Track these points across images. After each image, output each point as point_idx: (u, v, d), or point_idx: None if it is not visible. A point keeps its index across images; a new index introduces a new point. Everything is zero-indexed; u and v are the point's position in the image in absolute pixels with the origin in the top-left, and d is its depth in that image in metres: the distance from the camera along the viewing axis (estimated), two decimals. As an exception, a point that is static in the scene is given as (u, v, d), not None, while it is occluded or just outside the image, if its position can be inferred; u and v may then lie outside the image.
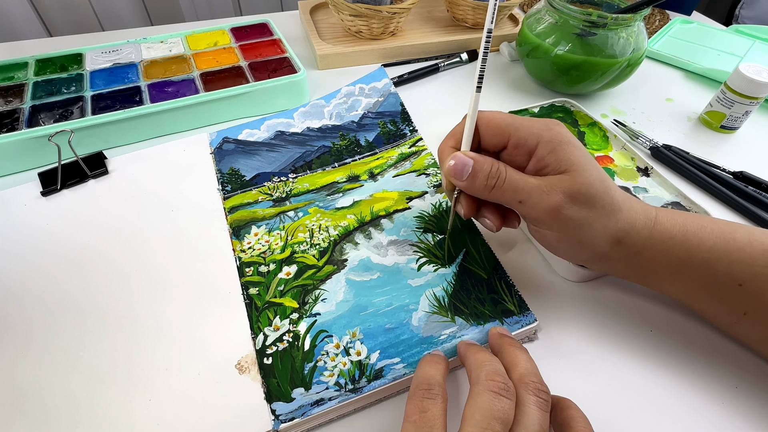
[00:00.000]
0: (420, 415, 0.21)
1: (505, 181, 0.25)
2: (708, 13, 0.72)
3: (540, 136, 0.25)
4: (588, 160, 0.25)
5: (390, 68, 0.55)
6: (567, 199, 0.24)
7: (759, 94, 0.44)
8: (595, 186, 0.25)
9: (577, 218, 0.25)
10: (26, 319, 0.29)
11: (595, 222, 0.25)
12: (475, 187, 0.26)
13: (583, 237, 0.26)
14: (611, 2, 0.49)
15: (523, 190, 0.25)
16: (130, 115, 0.41)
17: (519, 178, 0.25)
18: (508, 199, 0.26)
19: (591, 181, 0.25)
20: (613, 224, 0.26)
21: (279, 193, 0.38)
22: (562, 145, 0.25)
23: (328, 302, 0.30)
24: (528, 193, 0.25)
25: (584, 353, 0.29)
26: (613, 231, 0.26)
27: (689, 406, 0.26)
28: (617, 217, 0.26)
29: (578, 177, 0.25)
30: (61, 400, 0.25)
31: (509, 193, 0.25)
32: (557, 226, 0.25)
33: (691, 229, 0.26)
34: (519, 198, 0.25)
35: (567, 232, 0.25)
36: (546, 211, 0.25)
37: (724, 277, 0.25)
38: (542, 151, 0.25)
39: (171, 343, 0.28)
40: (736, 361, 0.28)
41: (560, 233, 0.26)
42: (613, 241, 0.26)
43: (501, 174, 0.25)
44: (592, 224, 0.25)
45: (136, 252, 0.33)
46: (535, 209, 0.25)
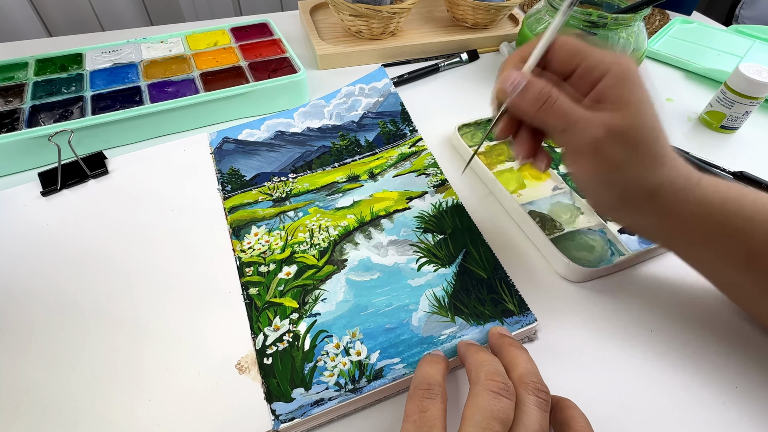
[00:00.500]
0: (420, 414, 0.21)
1: (555, 102, 0.24)
2: (708, 13, 0.72)
3: (608, 68, 0.24)
4: (647, 103, 0.24)
5: (390, 68, 0.55)
6: (611, 137, 0.24)
7: (759, 94, 0.44)
8: (643, 131, 0.24)
9: (615, 158, 0.24)
10: (26, 319, 0.29)
11: (633, 167, 0.24)
12: (523, 103, 0.25)
13: (616, 179, 0.25)
14: (611, 2, 0.49)
15: (570, 118, 0.24)
16: (130, 115, 0.41)
17: (569, 105, 0.24)
18: (553, 123, 0.25)
19: (641, 124, 0.24)
20: (651, 175, 0.25)
21: (279, 193, 0.38)
22: (626, 83, 0.24)
23: (328, 302, 0.30)
24: (574, 122, 0.24)
25: (584, 353, 0.29)
26: (648, 183, 0.25)
27: (689, 407, 0.26)
28: (657, 170, 0.25)
29: (629, 117, 0.24)
30: (61, 400, 0.25)
31: (555, 116, 0.25)
32: (594, 162, 0.25)
33: (732, 196, 0.25)
34: (563, 125, 0.24)
35: (602, 169, 0.25)
36: (586, 144, 0.24)
37: (758, 247, 0.25)
38: (605, 84, 0.24)
39: (171, 343, 0.28)
40: (736, 361, 0.28)
41: (595, 170, 0.25)
42: (647, 193, 0.25)
43: (552, 95, 0.25)
44: (628, 168, 0.24)
45: (137, 252, 0.33)
46: (576, 140, 0.24)
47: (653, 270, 0.34)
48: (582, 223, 0.36)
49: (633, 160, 0.24)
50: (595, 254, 0.34)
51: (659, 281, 0.33)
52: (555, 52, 0.26)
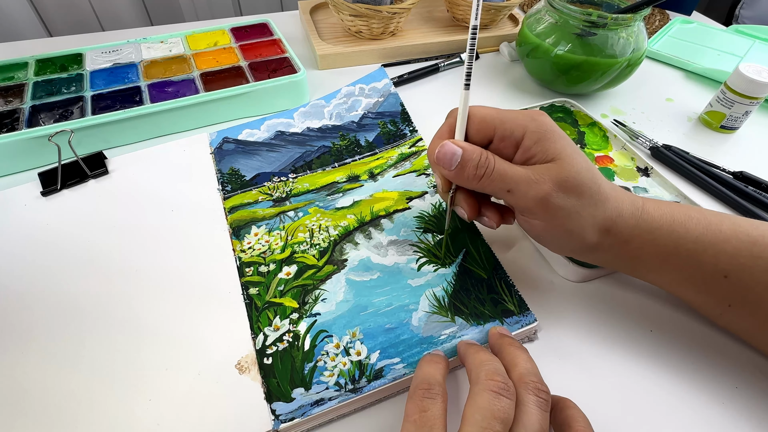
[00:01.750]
0: (420, 414, 0.21)
1: (494, 170, 0.25)
2: (708, 13, 0.72)
3: (526, 127, 0.25)
4: (573, 149, 0.26)
5: (390, 68, 0.55)
6: (555, 187, 0.25)
7: (759, 94, 0.44)
8: (582, 174, 0.25)
9: (565, 207, 0.25)
10: (26, 319, 0.29)
11: (583, 210, 0.25)
12: (464, 176, 0.26)
13: (572, 226, 0.26)
14: (611, 2, 0.49)
15: (512, 179, 0.25)
16: (130, 115, 0.41)
17: (507, 168, 0.25)
18: (497, 189, 0.26)
19: (578, 170, 0.25)
20: (601, 213, 0.26)
21: (279, 193, 0.38)
22: (547, 134, 0.25)
23: (328, 302, 0.30)
24: (516, 182, 0.25)
25: (584, 353, 0.29)
26: (601, 220, 0.26)
27: (689, 406, 0.26)
28: (605, 205, 0.26)
29: (565, 165, 0.25)
30: (61, 400, 0.25)
31: (498, 182, 0.25)
32: (546, 216, 0.25)
33: (678, 219, 0.26)
34: (507, 187, 0.25)
35: (555, 221, 0.25)
36: (534, 200, 0.25)
37: (710, 268, 0.26)
38: (528, 142, 0.25)
39: (171, 343, 0.28)
40: (736, 361, 0.28)
41: (549, 222, 0.26)
42: (602, 230, 0.26)
43: (490, 163, 0.25)
44: (580, 212, 0.25)
45: (136, 252, 0.33)
46: (524, 198, 0.25)
47: (653, 270, 0.34)
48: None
49: (582, 204, 0.25)
50: (595, 254, 0.34)
51: (659, 281, 0.33)
52: (469, 124, 0.27)
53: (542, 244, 0.29)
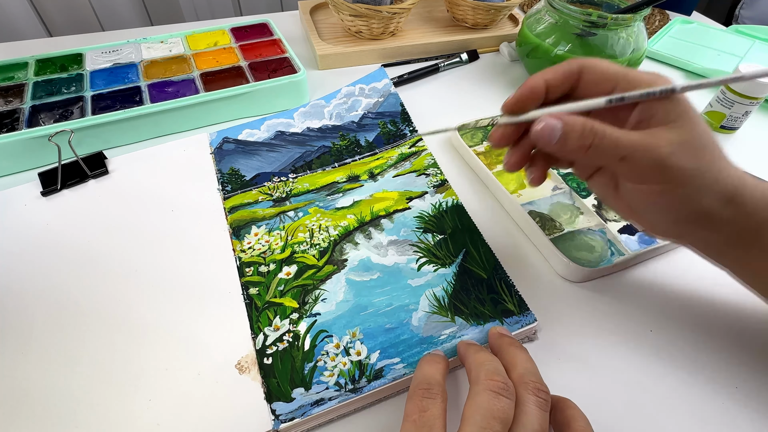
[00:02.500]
0: (419, 414, 0.21)
1: (604, 137, 0.23)
2: (708, 13, 0.72)
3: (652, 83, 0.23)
4: (695, 111, 0.24)
5: (390, 68, 0.55)
6: (677, 149, 0.22)
7: (759, 95, 0.44)
8: (704, 137, 0.23)
9: (687, 167, 0.23)
10: (26, 319, 0.29)
11: (706, 172, 0.23)
12: (567, 149, 0.24)
13: (691, 189, 0.23)
14: (611, 2, 0.49)
15: (626, 146, 0.23)
16: (130, 115, 0.41)
17: (620, 135, 0.23)
18: (608, 157, 0.24)
19: (700, 132, 0.23)
20: (724, 177, 0.23)
21: (279, 193, 0.38)
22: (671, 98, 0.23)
23: (328, 302, 0.30)
24: (633, 148, 0.23)
25: (584, 353, 0.29)
26: (723, 185, 0.23)
27: (689, 406, 0.26)
28: (728, 171, 0.24)
29: (687, 126, 0.23)
30: (61, 400, 0.25)
31: (609, 149, 0.23)
32: (664, 178, 0.23)
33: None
34: (621, 154, 0.23)
35: (674, 183, 0.23)
36: (652, 165, 0.23)
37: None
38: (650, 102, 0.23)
39: (171, 343, 0.28)
40: (736, 361, 0.28)
41: (666, 185, 0.23)
42: (724, 197, 0.24)
43: (597, 131, 0.23)
44: (703, 174, 0.23)
45: (136, 252, 0.33)
46: (639, 164, 0.23)
47: (653, 270, 0.34)
48: (582, 223, 0.36)
49: (705, 166, 0.23)
50: (595, 254, 0.34)
51: (659, 281, 0.33)
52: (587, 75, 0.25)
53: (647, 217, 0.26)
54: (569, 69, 0.26)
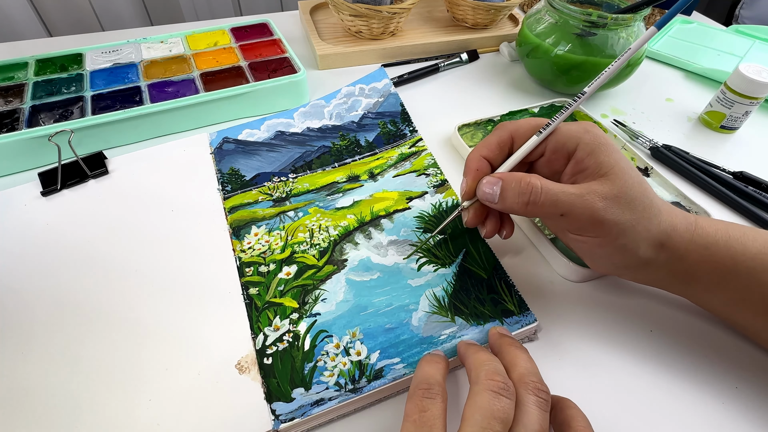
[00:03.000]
0: (419, 414, 0.21)
1: (541, 194, 0.25)
2: (708, 13, 0.72)
3: (579, 139, 0.25)
4: (626, 162, 0.25)
5: (390, 68, 0.55)
6: (609, 203, 0.24)
7: (759, 94, 0.44)
8: (635, 188, 0.25)
9: (620, 221, 0.24)
10: (26, 319, 0.29)
11: (637, 224, 0.25)
12: (507, 205, 0.26)
13: (625, 240, 0.25)
14: (611, 2, 0.49)
15: (565, 203, 0.24)
16: (130, 115, 0.41)
17: (558, 190, 0.25)
18: (548, 213, 0.25)
19: (630, 184, 0.24)
20: (655, 226, 0.25)
21: (279, 193, 0.38)
22: (601, 147, 0.25)
23: (328, 302, 0.30)
24: (570, 204, 0.24)
25: (584, 353, 0.29)
26: (655, 233, 0.25)
27: (689, 406, 0.26)
28: (659, 219, 0.25)
29: (618, 180, 0.24)
30: (61, 400, 0.25)
31: (549, 206, 0.25)
32: (600, 232, 0.25)
33: (733, 235, 0.26)
34: (561, 211, 0.25)
35: (610, 236, 0.25)
36: (590, 219, 0.24)
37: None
38: (581, 154, 0.25)
39: (171, 343, 0.28)
40: (736, 361, 0.28)
41: (603, 239, 0.25)
42: (656, 244, 0.25)
43: (534, 187, 0.25)
44: (635, 226, 0.25)
45: (136, 252, 0.33)
46: (579, 219, 0.25)
47: (653, 270, 0.34)
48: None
49: (636, 218, 0.25)
50: (595, 254, 0.34)
51: (659, 281, 0.33)
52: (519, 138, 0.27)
53: (590, 263, 0.28)
54: (501, 137, 0.28)
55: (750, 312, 0.26)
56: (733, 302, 0.26)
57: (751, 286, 0.25)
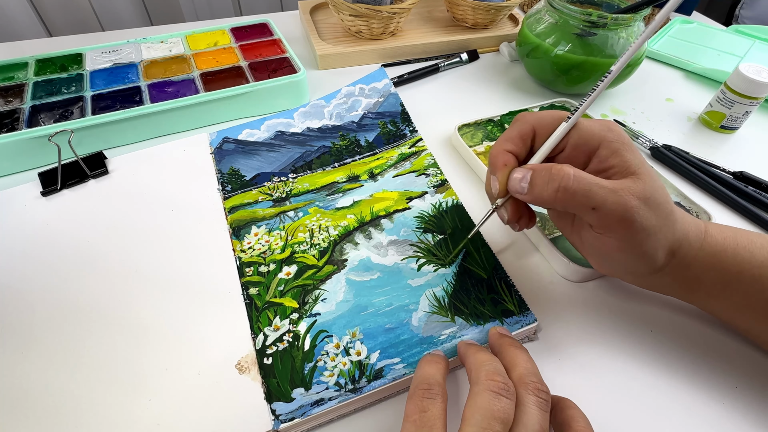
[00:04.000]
0: (420, 414, 0.21)
1: (573, 180, 0.23)
2: (708, 13, 0.72)
3: (603, 137, 0.24)
4: (648, 165, 0.24)
5: (390, 68, 0.55)
6: (642, 204, 0.23)
7: (759, 94, 0.44)
8: (661, 192, 0.24)
9: (648, 225, 0.23)
10: (26, 319, 0.29)
11: (659, 231, 0.24)
12: (536, 192, 0.24)
13: (647, 247, 0.24)
14: (611, 2, 0.49)
15: (598, 195, 0.23)
16: (130, 115, 0.41)
17: (592, 181, 0.23)
18: (579, 204, 0.23)
19: (657, 186, 0.24)
20: (671, 234, 0.25)
21: (279, 193, 0.38)
22: (626, 146, 0.24)
23: (328, 302, 0.30)
24: (603, 198, 0.23)
25: (584, 353, 0.29)
26: (671, 241, 0.25)
27: (689, 406, 0.26)
28: (675, 227, 0.25)
29: (648, 180, 0.23)
30: (61, 400, 0.25)
31: (581, 196, 0.23)
32: (626, 234, 0.24)
33: (741, 243, 0.25)
34: (593, 204, 0.23)
35: (634, 241, 0.24)
36: (621, 217, 0.23)
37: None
38: (605, 152, 0.24)
39: (171, 343, 0.28)
40: (736, 361, 0.28)
41: (626, 242, 0.24)
42: (669, 252, 0.25)
43: (567, 174, 0.23)
44: (657, 233, 0.24)
45: (136, 252, 0.33)
46: (610, 215, 0.23)
47: (653, 270, 0.34)
48: (582, 223, 0.36)
49: (659, 224, 0.24)
50: (595, 254, 0.34)
51: (659, 281, 0.33)
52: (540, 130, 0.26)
53: (598, 264, 0.27)
54: (522, 130, 0.27)
55: (752, 317, 0.26)
56: (736, 307, 0.26)
57: (755, 292, 0.25)
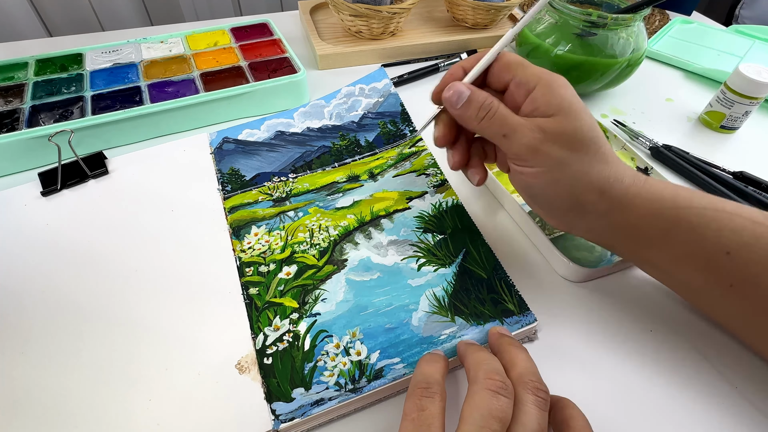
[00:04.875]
0: (418, 413, 0.21)
1: (496, 113, 0.27)
2: (708, 13, 0.72)
3: (540, 78, 0.26)
4: (579, 107, 0.26)
5: (390, 68, 0.55)
6: (549, 137, 0.25)
7: (759, 94, 0.44)
8: (581, 131, 0.26)
9: (557, 156, 0.26)
10: (26, 319, 0.29)
11: (574, 164, 0.26)
12: (466, 115, 0.28)
13: (561, 176, 0.26)
14: (611, 2, 0.49)
15: (510, 125, 0.26)
16: (130, 115, 0.41)
17: (508, 114, 0.27)
18: (495, 132, 0.27)
19: (577, 126, 0.25)
20: (596, 172, 0.26)
21: (279, 193, 0.38)
22: (557, 89, 0.26)
23: (328, 302, 0.30)
24: (513, 128, 0.26)
25: (584, 353, 0.29)
26: (596, 178, 0.26)
27: (689, 406, 0.26)
28: (601, 166, 0.26)
29: (564, 120, 0.25)
30: (60, 401, 0.25)
31: (497, 125, 0.27)
32: (537, 162, 0.26)
33: (681, 193, 0.26)
34: (504, 131, 0.26)
35: (545, 167, 0.26)
36: (526, 145, 0.26)
37: (712, 244, 0.25)
38: (537, 93, 0.26)
39: (171, 343, 0.28)
40: (736, 361, 0.28)
41: (539, 170, 0.26)
42: (596, 190, 0.26)
43: (493, 107, 0.27)
44: (571, 165, 0.26)
45: (136, 252, 0.33)
46: (517, 142, 0.26)
47: (653, 270, 0.34)
48: (582, 223, 0.36)
49: (575, 158, 0.26)
50: (595, 254, 0.34)
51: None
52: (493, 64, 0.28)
53: (534, 204, 0.29)
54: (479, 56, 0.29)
55: (693, 267, 0.26)
56: (677, 258, 0.26)
57: (694, 242, 0.25)
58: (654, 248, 0.27)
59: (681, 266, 0.27)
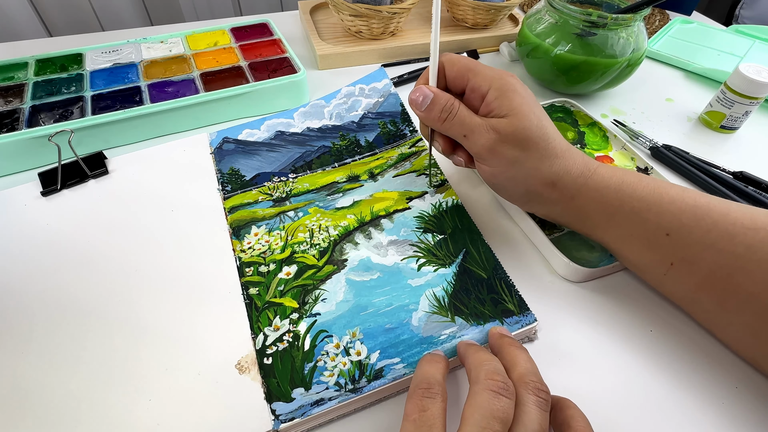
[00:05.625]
0: (419, 414, 0.21)
1: (455, 116, 0.29)
2: (708, 13, 0.72)
3: (491, 83, 0.29)
4: (529, 108, 0.28)
5: (390, 68, 0.55)
6: (501, 139, 0.28)
7: (759, 94, 0.44)
8: (530, 131, 0.28)
9: (509, 156, 0.28)
10: (26, 319, 0.29)
11: (526, 162, 0.28)
12: (430, 117, 0.30)
13: (514, 173, 0.29)
14: (611, 2, 0.49)
15: (468, 126, 0.29)
16: (130, 115, 0.41)
17: (467, 115, 0.29)
18: (456, 132, 0.30)
19: (526, 126, 0.28)
20: (546, 167, 0.29)
21: (279, 193, 0.38)
22: (507, 93, 0.28)
23: (328, 302, 0.30)
24: (471, 129, 0.29)
25: (584, 353, 0.29)
26: (546, 173, 0.29)
27: (689, 406, 0.26)
28: (552, 161, 0.29)
29: (514, 121, 0.28)
30: (61, 401, 0.25)
31: (457, 127, 0.29)
32: (493, 162, 0.29)
33: (627, 181, 0.29)
34: (464, 132, 0.29)
35: (501, 167, 0.29)
36: (483, 147, 0.28)
37: (653, 226, 0.28)
38: (490, 97, 0.29)
39: (171, 343, 0.28)
40: (736, 361, 0.28)
41: (495, 168, 0.29)
42: (547, 182, 0.29)
43: (454, 109, 0.29)
44: (523, 163, 0.28)
45: (136, 252, 0.33)
46: (475, 144, 0.29)
47: (653, 270, 0.34)
48: (582, 223, 0.36)
49: (526, 156, 0.28)
50: (595, 254, 0.34)
51: (659, 281, 0.33)
52: (448, 71, 0.30)
53: (498, 193, 0.32)
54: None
55: (637, 247, 0.29)
56: (622, 238, 0.29)
57: (636, 224, 0.28)
58: (600, 229, 0.30)
59: (627, 245, 0.29)
